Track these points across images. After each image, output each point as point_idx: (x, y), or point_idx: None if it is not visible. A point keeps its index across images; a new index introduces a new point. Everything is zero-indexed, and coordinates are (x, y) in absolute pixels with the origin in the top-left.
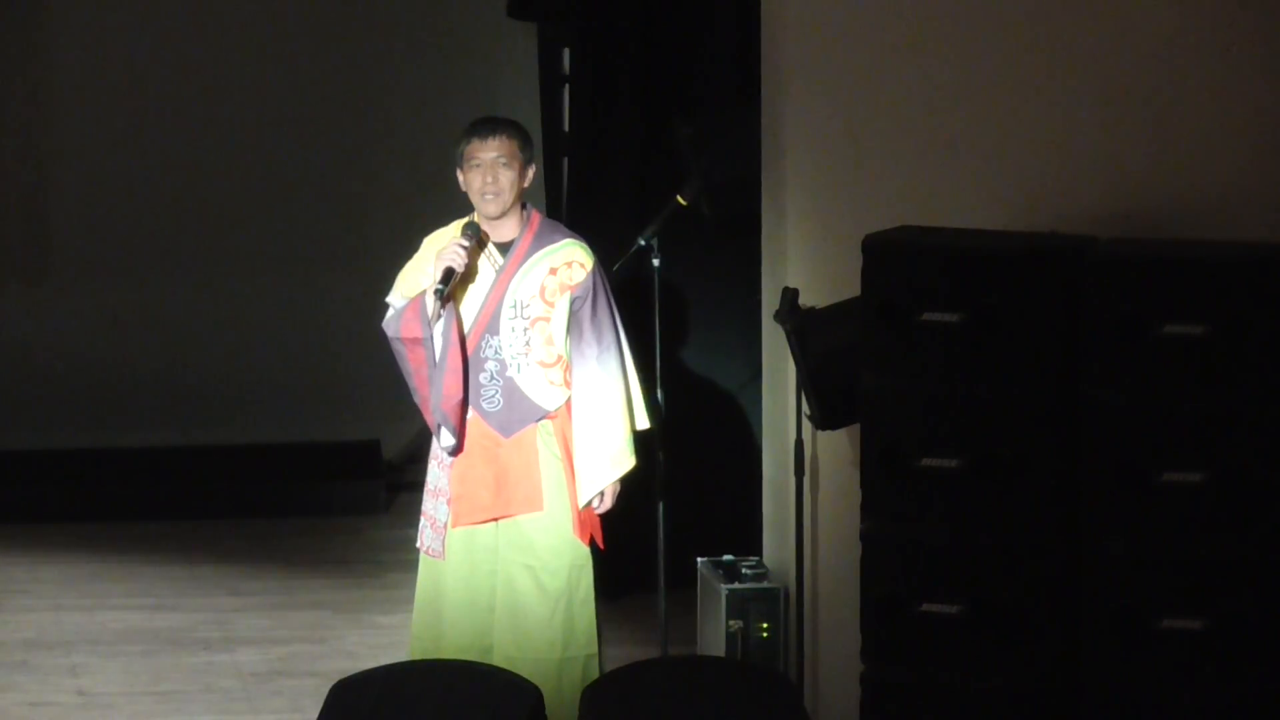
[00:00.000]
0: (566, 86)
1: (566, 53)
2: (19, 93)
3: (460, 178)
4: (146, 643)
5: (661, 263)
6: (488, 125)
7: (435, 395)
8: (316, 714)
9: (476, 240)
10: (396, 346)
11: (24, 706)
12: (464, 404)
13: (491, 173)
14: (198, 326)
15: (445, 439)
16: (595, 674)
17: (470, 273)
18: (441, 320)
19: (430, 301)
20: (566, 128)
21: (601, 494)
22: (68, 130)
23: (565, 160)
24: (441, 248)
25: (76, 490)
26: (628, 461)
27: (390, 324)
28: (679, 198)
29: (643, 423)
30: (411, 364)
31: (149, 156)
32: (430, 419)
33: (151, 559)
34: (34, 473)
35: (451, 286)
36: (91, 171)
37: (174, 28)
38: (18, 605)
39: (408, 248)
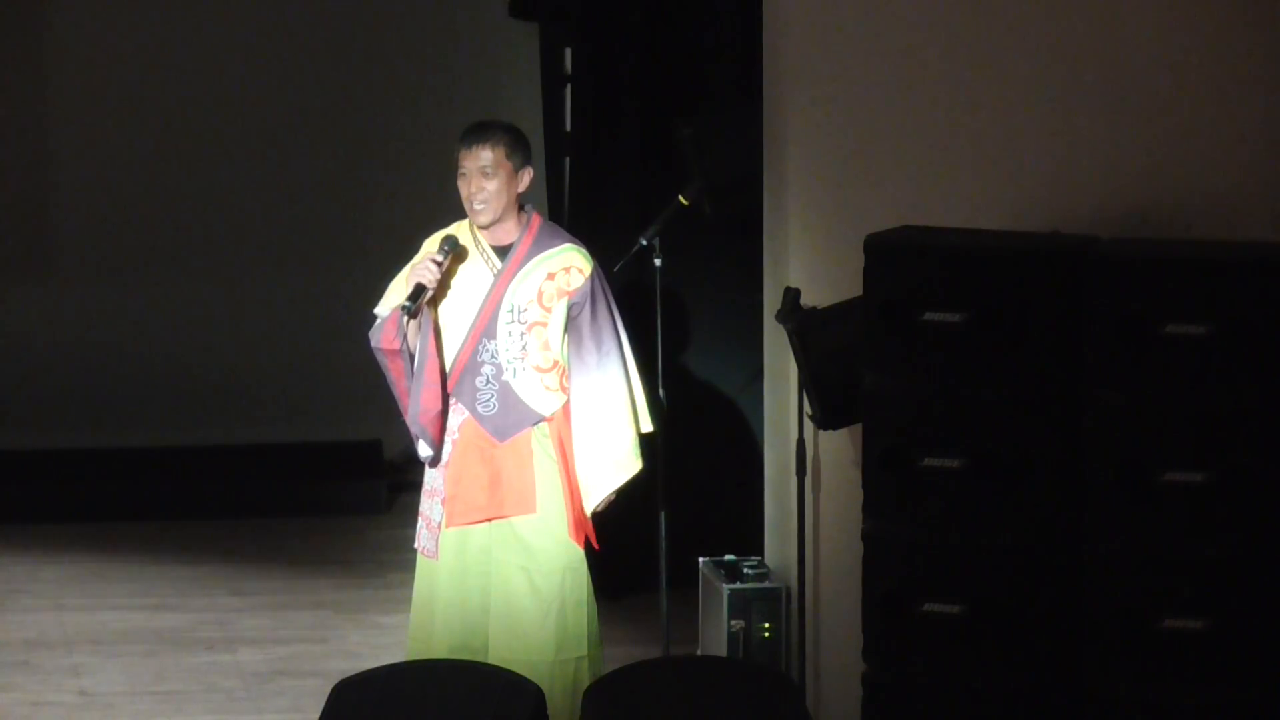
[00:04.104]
0: (568, 86)
1: (568, 53)
2: (22, 91)
3: None
4: (148, 642)
5: (663, 263)
6: (473, 133)
7: (413, 407)
8: (318, 714)
9: (452, 254)
10: (379, 357)
11: (26, 706)
12: (442, 416)
13: (476, 182)
14: (199, 326)
15: (423, 450)
16: (587, 677)
17: (465, 277)
18: (420, 333)
19: (402, 316)
20: (568, 128)
21: None
22: (68, 130)
23: (567, 160)
24: (416, 262)
25: (77, 490)
26: (634, 465)
27: (374, 334)
28: (680, 198)
29: (647, 425)
30: (392, 374)
31: (150, 157)
32: (411, 429)
33: (153, 559)
34: (34, 473)
35: (420, 303)
36: (92, 172)
37: (176, 27)
38: (19, 605)
39: (409, 248)
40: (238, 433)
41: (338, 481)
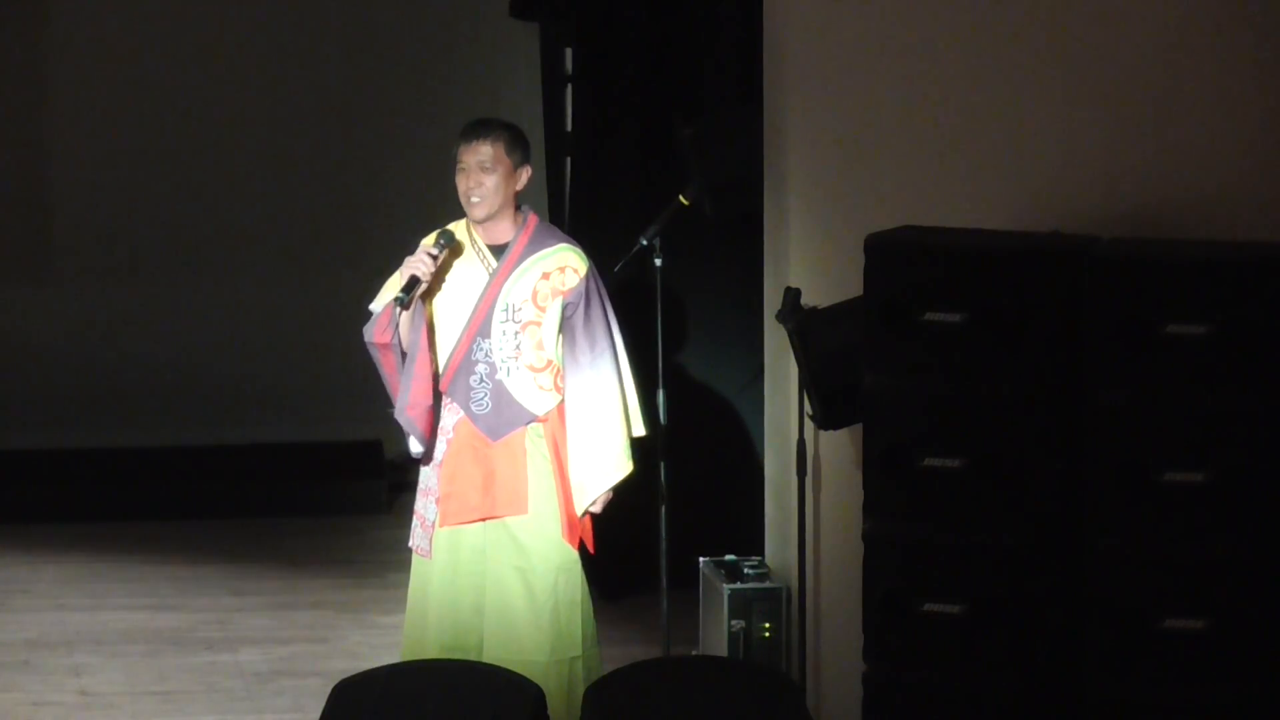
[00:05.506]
0: (569, 86)
1: (569, 53)
2: (21, 92)
3: None
4: (149, 642)
5: (663, 263)
6: (472, 129)
7: (402, 400)
8: (319, 714)
9: (447, 249)
10: (372, 351)
11: (27, 706)
12: (433, 411)
13: (474, 177)
14: (199, 326)
15: (414, 446)
16: (582, 677)
17: (461, 275)
18: (412, 327)
19: (395, 308)
20: (569, 128)
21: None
22: (68, 131)
23: (568, 160)
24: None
25: (77, 490)
26: (624, 467)
27: (367, 329)
28: (681, 198)
29: (639, 429)
30: (384, 369)
31: (150, 157)
32: (401, 423)
33: (153, 559)
34: (34, 473)
35: (414, 295)
36: (92, 172)
37: (176, 28)
38: (20, 605)
39: (409, 247)
40: (238, 433)
41: (338, 481)
